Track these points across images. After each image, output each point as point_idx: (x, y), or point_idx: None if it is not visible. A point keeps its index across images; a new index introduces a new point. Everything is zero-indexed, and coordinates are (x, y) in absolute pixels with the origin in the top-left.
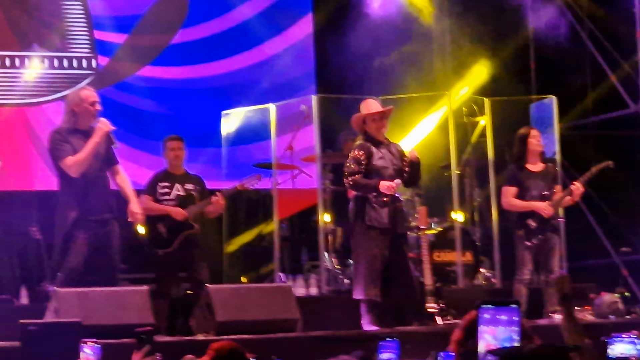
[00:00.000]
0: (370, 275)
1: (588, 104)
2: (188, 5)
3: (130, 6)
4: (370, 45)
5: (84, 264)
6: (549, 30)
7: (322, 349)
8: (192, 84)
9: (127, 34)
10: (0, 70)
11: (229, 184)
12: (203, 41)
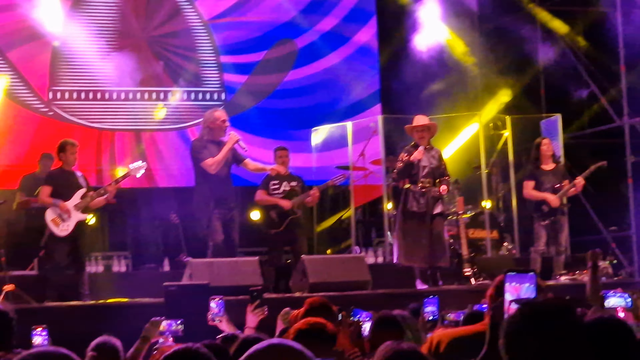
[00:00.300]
0: (413, 248)
1: (584, 120)
2: (297, 52)
3: (250, 53)
4: (421, 76)
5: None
6: (554, 64)
7: (386, 302)
8: (292, 109)
9: (247, 75)
10: (150, 102)
11: (320, 181)
12: (300, 80)
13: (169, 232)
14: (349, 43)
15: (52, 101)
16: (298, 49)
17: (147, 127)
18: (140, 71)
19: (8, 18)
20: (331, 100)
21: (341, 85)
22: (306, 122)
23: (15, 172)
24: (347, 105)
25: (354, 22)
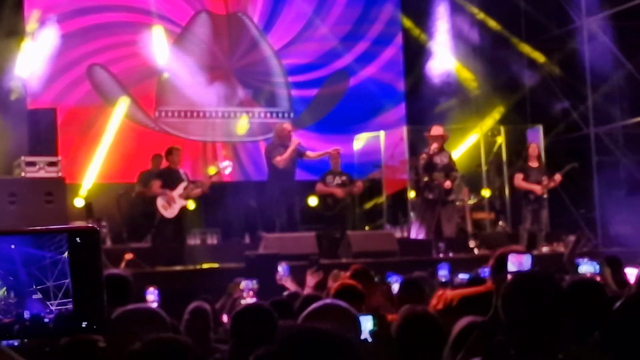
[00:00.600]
0: (429, 226)
1: (560, 129)
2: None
3: (308, 72)
4: (437, 95)
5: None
6: (537, 86)
7: (409, 267)
8: (337, 122)
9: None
10: (234, 119)
11: (361, 175)
12: (344, 94)
13: (249, 213)
14: (379, 65)
15: (158, 118)
16: (342, 69)
17: (232, 139)
18: (227, 94)
19: (128, 55)
20: (367, 112)
21: (372, 100)
22: (348, 131)
23: (132, 170)
24: (380, 117)
25: (381, 47)
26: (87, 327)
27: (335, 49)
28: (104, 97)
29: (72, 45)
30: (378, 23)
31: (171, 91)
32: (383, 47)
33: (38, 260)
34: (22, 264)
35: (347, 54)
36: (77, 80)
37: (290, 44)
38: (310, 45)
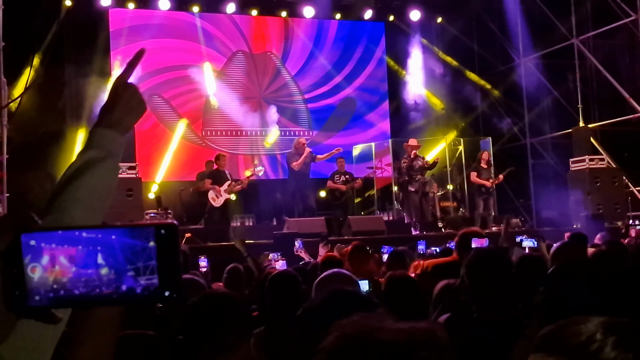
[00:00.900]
0: (411, 212)
1: (504, 140)
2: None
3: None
4: (412, 115)
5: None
6: (487, 107)
7: (394, 242)
8: (342, 135)
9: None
10: (263, 137)
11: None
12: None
13: (275, 203)
14: (371, 93)
15: (204, 137)
16: (346, 97)
17: (260, 152)
18: (259, 117)
19: (181, 84)
20: (362, 127)
21: (365, 119)
22: (349, 143)
23: (188, 171)
24: (371, 131)
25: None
26: (169, 296)
27: (340, 83)
28: (163, 120)
29: (144, 81)
30: (371, 63)
31: (214, 115)
32: (374, 80)
33: (132, 247)
34: (119, 249)
35: (349, 86)
36: (150, 103)
37: (303, 68)
38: (319, 77)
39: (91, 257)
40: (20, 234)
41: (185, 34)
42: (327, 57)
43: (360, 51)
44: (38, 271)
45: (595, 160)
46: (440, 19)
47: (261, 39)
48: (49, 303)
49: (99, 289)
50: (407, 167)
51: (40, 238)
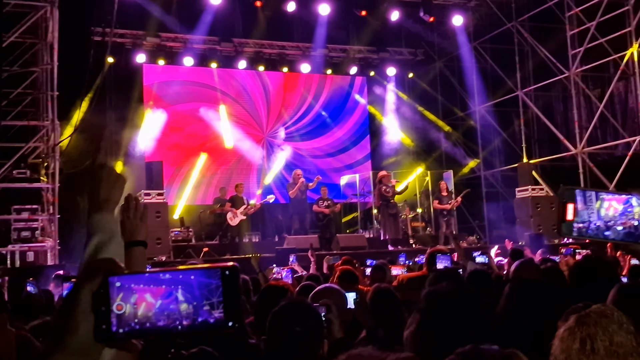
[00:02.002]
0: (386, 230)
1: (465, 172)
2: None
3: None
4: (389, 152)
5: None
6: (449, 147)
7: (375, 256)
8: (335, 169)
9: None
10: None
11: (341, 201)
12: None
13: (277, 223)
14: (358, 135)
15: (219, 167)
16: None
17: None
18: (264, 152)
19: (201, 124)
20: (350, 162)
21: (351, 155)
22: (337, 174)
23: (206, 196)
24: (356, 165)
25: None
26: (232, 326)
27: (330, 126)
28: (186, 154)
29: (172, 120)
30: (357, 111)
31: (227, 150)
32: (356, 122)
33: (207, 285)
34: (197, 287)
35: (339, 130)
36: (173, 144)
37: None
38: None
39: (172, 294)
40: (108, 277)
41: (205, 84)
42: (320, 104)
43: (347, 100)
44: (124, 308)
45: (536, 190)
46: (412, 74)
47: (266, 87)
48: (133, 334)
49: (178, 321)
50: (382, 194)
51: (128, 280)
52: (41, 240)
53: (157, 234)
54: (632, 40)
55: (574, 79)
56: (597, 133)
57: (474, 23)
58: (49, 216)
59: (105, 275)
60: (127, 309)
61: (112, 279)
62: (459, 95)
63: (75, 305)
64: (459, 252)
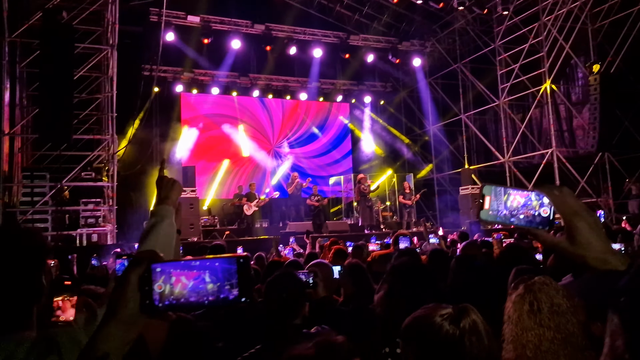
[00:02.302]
0: (363, 218)
1: (421, 176)
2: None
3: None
4: (365, 159)
5: None
6: (410, 156)
7: (355, 238)
8: (324, 170)
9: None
10: (275, 173)
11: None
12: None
13: (282, 212)
14: (341, 145)
15: (238, 170)
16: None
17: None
18: (273, 159)
19: (224, 138)
20: (336, 166)
21: (337, 161)
22: (326, 174)
23: (229, 192)
24: (340, 169)
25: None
26: (245, 301)
27: (324, 143)
28: (213, 159)
29: (200, 135)
30: (341, 128)
31: (245, 158)
32: (341, 137)
33: (228, 270)
34: (220, 271)
35: (328, 142)
36: (203, 153)
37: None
38: (309, 140)
39: (201, 277)
40: (151, 264)
41: (228, 107)
42: (314, 123)
43: (334, 120)
44: (163, 287)
45: (475, 188)
46: (382, 102)
47: (274, 110)
48: (171, 308)
49: (205, 297)
50: (360, 191)
51: (167, 266)
52: (103, 226)
53: (190, 220)
54: (546, 78)
55: (503, 106)
56: (519, 147)
57: (429, 64)
58: (109, 207)
59: (149, 262)
60: (166, 288)
61: (154, 266)
62: (417, 118)
63: (126, 285)
64: (424, 231)
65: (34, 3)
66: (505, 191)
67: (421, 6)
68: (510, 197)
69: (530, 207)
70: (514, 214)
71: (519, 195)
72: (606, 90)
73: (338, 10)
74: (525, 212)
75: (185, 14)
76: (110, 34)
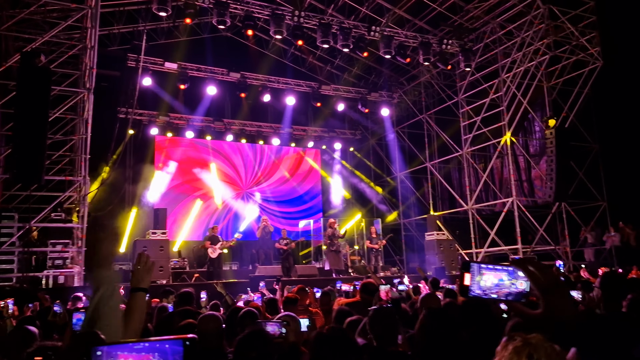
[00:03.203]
0: (330, 262)
1: (389, 221)
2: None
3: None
4: (335, 203)
5: None
6: (380, 201)
7: (323, 283)
8: (294, 215)
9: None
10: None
11: (296, 239)
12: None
13: (251, 255)
14: (312, 191)
15: (207, 212)
16: (297, 195)
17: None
18: (242, 201)
19: (198, 180)
20: (306, 210)
21: (308, 206)
22: (298, 219)
23: (198, 234)
24: (310, 213)
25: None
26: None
27: (295, 187)
28: (185, 202)
29: (176, 178)
30: (309, 171)
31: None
32: (311, 182)
33: (177, 352)
34: (170, 353)
35: (298, 186)
36: (176, 196)
37: (269, 181)
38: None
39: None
40: (92, 348)
41: (201, 151)
42: (285, 167)
43: (305, 165)
44: None
45: (440, 234)
46: (352, 149)
47: (246, 154)
48: None
49: None
50: (329, 236)
51: (112, 349)
52: (70, 267)
53: (160, 262)
54: (506, 130)
55: (466, 156)
56: (482, 194)
57: (396, 114)
58: (78, 248)
59: (88, 346)
60: None
61: (94, 349)
62: (385, 164)
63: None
64: (375, 279)
65: (12, 45)
66: (479, 270)
67: (389, 60)
68: (483, 277)
69: (503, 286)
70: (488, 293)
71: (492, 275)
72: (561, 144)
73: (311, 61)
74: (497, 291)
75: (162, 61)
76: (88, 78)
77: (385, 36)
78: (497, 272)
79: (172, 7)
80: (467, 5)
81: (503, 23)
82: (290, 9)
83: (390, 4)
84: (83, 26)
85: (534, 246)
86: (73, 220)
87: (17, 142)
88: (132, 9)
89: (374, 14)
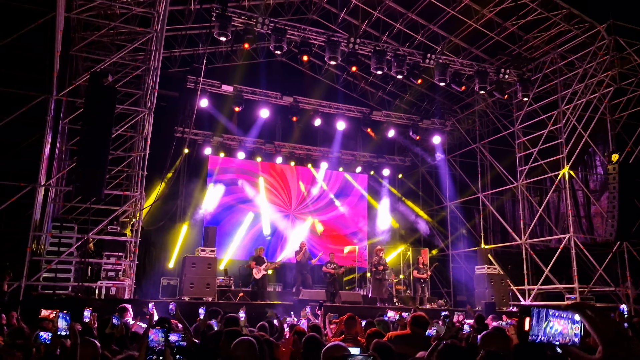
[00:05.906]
0: (374, 290)
1: (437, 251)
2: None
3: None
4: (381, 231)
5: None
6: (427, 232)
7: (368, 311)
8: (340, 241)
9: None
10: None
11: (344, 265)
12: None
13: (295, 277)
14: (359, 217)
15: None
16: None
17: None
18: (289, 222)
19: (247, 200)
20: (351, 235)
21: (353, 231)
22: (344, 242)
23: (245, 254)
24: (356, 238)
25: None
26: None
27: (341, 212)
28: (234, 220)
29: (224, 196)
30: (359, 198)
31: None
32: (358, 208)
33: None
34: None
35: (346, 210)
36: (227, 211)
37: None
38: (326, 207)
39: None
40: None
41: (251, 172)
42: (333, 191)
43: (352, 190)
44: None
45: (490, 268)
46: (401, 175)
47: (295, 177)
48: None
49: None
50: (375, 263)
51: None
52: (122, 280)
53: (207, 280)
54: (564, 164)
55: (521, 188)
56: (536, 229)
57: (448, 142)
58: (130, 262)
59: None
60: None
61: None
62: (435, 193)
63: None
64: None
65: (82, 65)
66: (546, 316)
67: (442, 87)
68: (550, 323)
69: (567, 335)
70: (552, 340)
71: (556, 323)
72: (625, 180)
73: (362, 87)
74: (561, 339)
75: (220, 83)
76: (149, 98)
77: (440, 64)
78: (563, 320)
79: (232, 32)
80: (526, 34)
81: (564, 53)
82: (345, 36)
83: (447, 32)
84: (147, 48)
85: (592, 286)
86: (127, 234)
87: (81, 156)
88: (194, 32)
89: (429, 41)
